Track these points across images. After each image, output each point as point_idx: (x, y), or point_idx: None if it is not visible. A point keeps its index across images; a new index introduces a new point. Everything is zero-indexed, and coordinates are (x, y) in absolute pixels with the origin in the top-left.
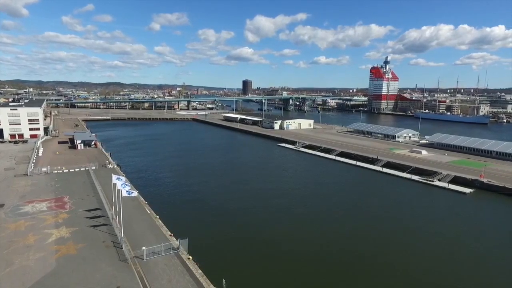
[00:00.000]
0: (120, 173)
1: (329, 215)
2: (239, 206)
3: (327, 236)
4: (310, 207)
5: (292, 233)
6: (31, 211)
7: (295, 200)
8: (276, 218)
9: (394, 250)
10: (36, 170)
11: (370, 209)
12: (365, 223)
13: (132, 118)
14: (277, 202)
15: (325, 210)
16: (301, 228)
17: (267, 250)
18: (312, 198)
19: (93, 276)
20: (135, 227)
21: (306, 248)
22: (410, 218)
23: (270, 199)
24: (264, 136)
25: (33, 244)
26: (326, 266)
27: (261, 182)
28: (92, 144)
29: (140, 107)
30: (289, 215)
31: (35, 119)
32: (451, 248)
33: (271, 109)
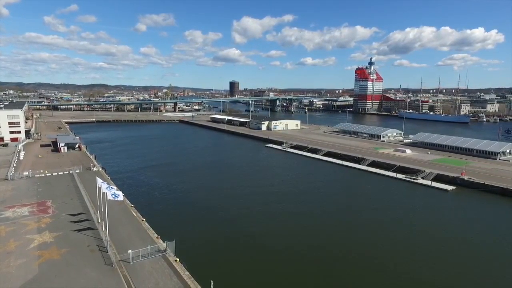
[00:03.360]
0: (105, 176)
1: (316, 213)
2: (226, 207)
3: (314, 235)
4: (298, 206)
5: (279, 232)
6: (11, 216)
7: (282, 200)
8: (263, 218)
9: (380, 246)
10: (17, 174)
11: (356, 207)
12: (351, 221)
13: (117, 120)
14: (264, 202)
15: (312, 209)
16: (289, 228)
17: (254, 250)
18: (299, 197)
19: (78, 281)
20: (121, 230)
21: (293, 248)
22: (395, 215)
23: (257, 199)
24: (252, 137)
25: (14, 250)
26: (313, 265)
27: (248, 183)
28: (76, 147)
29: (125, 109)
30: (276, 215)
31: (15, 122)
32: (435, 244)
33: (259, 110)
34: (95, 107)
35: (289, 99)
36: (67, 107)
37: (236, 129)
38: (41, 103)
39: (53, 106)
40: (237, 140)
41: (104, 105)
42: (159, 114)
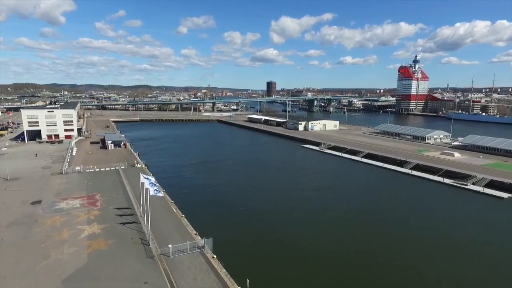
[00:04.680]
0: (148, 173)
1: (355, 217)
2: (263, 207)
3: (351, 239)
4: (336, 209)
5: (316, 235)
6: (65, 208)
7: (320, 202)
8: (301, 219)
9: (425, 256)
10: (70, 169)
11: (398, 212)
12: (393, 227)
13: (159, 120)
14: (301, 203)
15: (351, 212)
16: (326, 230)
17: (291, 251)
18: (337, 200)
19: (122, 271)
20: (162, 225)
21: (330, 250)
22: (441, 222)
23: (294, 200)
24: (288, 137)
25: (67, 239)
26: (350, 269)
27: (285, 183)
28: (121, 144)
29: (167, 109)
30: (314, 217)
31: (69, 120)
32: (486, 255)
33: (296, 110)
34: (139, 107)
35: (327, 99)
36: (114, 107)
37: (273, 129)
38: (92, 103)
39: (102, 106)
40: (273, 140)
41: (147, 105)
42: (198, 114)
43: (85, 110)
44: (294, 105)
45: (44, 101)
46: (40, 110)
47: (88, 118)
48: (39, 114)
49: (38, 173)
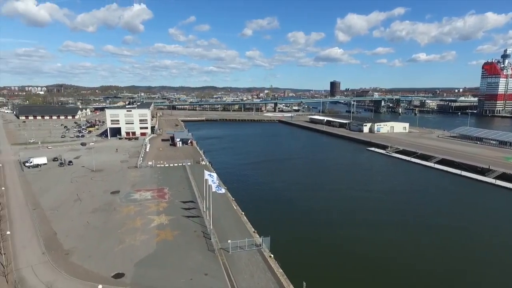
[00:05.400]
0: (211, 170)
1: (423, 226)
2: (322, 209)
3: (418, 249)
4: (402, 216)
5: (378, 240)
6: (139, 199)
7: (384, 207)
8: (363, 223)
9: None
10: (144, 163)
11: (477, 227)
12: (472, 247)
13: (223, 119)
14: (363, 208)
15: (419, 220)
16: (389, 237)
17: (350, 255)
18: (404, 206)
19: (185, 261)
20: (223, 221)
21: (391, 257)
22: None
23: (357, 202)
24: (352, 139)
25: (139, 227)
26: (412, 280)
27: (347, 185)
28: (188, 142)
29: (230, 109)
30: (377, 222)
31: (144, 119)
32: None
33: (361, 111)
34: (205, 107)
35: (396, 99)
36: (183, 107)
37: (335, 130)
38: (163, 104)
39: (172, 106)
40: (335, 141)
41: (213, 105)
42: (260, 114)
43: (158, 110)
44: (359, 106)
45: (124, 101)
46: (121, 110)
47: (160, 117)
48: (119, 114)
49: (118, 166)
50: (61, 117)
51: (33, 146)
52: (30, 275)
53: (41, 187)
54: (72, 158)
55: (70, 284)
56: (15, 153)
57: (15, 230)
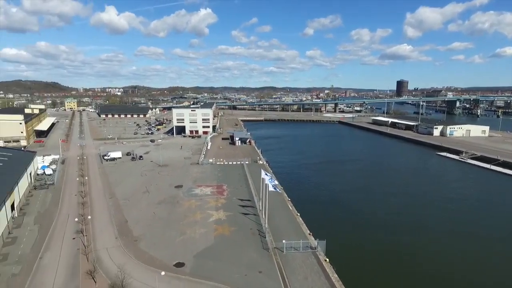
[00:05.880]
0: (268, 169)
1: (500, 243)
2: (383, 215)
3: (483, 267)
4: (474, 228)
5: (444, 252)
6: (199, 194)
7: (454, 217)
8: (426, 233)
9: None
10: (205, 160)
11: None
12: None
13: (281, 119)
14: (429, 216)
15: (495, 236)
16: (458, 249)
17: (408, 266)
18: (477, 218)
19: (241, 257)
20: (278, 220)
21: (457, 271)
22: None
23: (422, 211)
24: (420, 142)
25: (199, 220)
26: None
27: (411, 193)
28: (247, 141)
29: (289, 109)
30: (443, 233)
31: (207, 118)
32: None
33: (431, 113)
34: (264, 107)
35: (474, 99)
36: (243, 107)
37: (401, 132)
38: (225, 104)
39: (233, 106)
40: (400, 145)
41: (272, 106)
42: (319, 115)
43: (219, 110)
44: (429, 106)
45: (189, 101)
46: (185, 110)
47: (221, 117)
48: (184, 113)
49: (181, 162)
50: (134, 116)
51: (111, 141)
52: (105, 256)
53: (116, 179)
54: (143, 153)
55: (138, 268)
56: (96, 147)
57: (94, 215)
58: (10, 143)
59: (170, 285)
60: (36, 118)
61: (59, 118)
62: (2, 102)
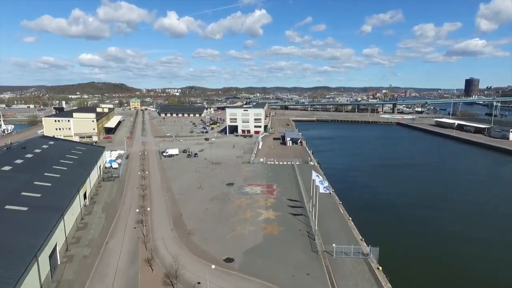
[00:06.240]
0: (319, 171)
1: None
2: (446, 224)
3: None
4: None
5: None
6: (250, 192)
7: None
8: (492, 248)
9: None
10: (256, 159)
11: None
12: None
13: (334, 120)
14: (496, 230)
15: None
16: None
17: (469, 282)
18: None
19: (288, 257)
20: (328, 223)
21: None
22: None
23: (489, 224)
24: (492, 148)
25: (249, 218)
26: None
27: (478, 202)
28: (298, 141)
29: (343, 110)
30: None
31: (259, 118)
32: None
33: (507, 114)
34: (317, 107)
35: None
36: (295, 107)
37: (469, 136)
38: (277, 104)
39: (285, 106)
40: (468, 149)
41: (324, 106)
42: (376, 116)
43: (271, 110)
44: (504, 107)
45: (242, 101)
46: (238, 109)
47: (273, 117)
48: (237, 113)
49: (233, 161)
50: (190, 115)
51: (169, 139)
52: (161, 246)
53: (172, 174)
54: (197, 151)
55: (190, 260)
56: (156, 144)
57: (153, 208)
58: (84, 138)
59: (219, 279)
60: (106, 117)
61: (124, 117)
62: (78, 102)
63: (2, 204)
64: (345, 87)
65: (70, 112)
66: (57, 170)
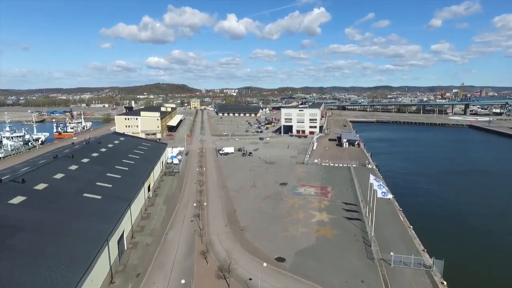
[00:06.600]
0: (378, 174)
1: None
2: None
3: None
4: None
5: None
6: (303, 193)
7: None
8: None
9: None
10: (310, 160)
11: None
12: None
13: (396, 121)
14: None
15: None
16: None
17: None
18: None
19: (342, 262)
20: (386, 230)
21: None
22: None
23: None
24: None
25: (301, 219)
26: None
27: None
28: (355, 143)
29: (406, 111)
30: None
31: (314, 118)
32: None
33: None
34: (377, 108)
35: None
36: (353, 108)
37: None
38: (333, 104)
39: (342, 106)
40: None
41: (385, 106)
42: (444, 117)
43: (328, 110)
44: None
45: (297, 101)
46: (293, 109)
47: (329, 117)
48: (292, 113)
49: (287, 161)
50: (246, 115)
51: (225, 137)
52: (216, 240)
53: (228, 172)
54: (252, 150)
55: (243, 256)
56: (213, 142)
57: (209, 203)
58: (149, 135)
59: (271, 277)
60: (169, 115)
61: (185, 116)
62: (145, 101)
63: (81, 192)
64: (409, 86)
65: (138, 111)
66: (125, 163)
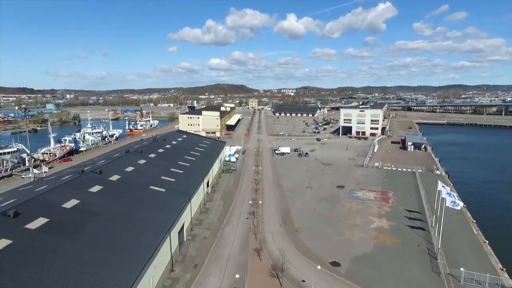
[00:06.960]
0: (447, 181)
1: None
2: None
3: None
4: None
5: None
6: (361, 197)
7: None
8: None
9: None
10: (370, 163)
11: None
12: None
13: (471, 124)
14: None
15: None
16: None
17: None
18: None
19: (403, 273)
20: (455, 243)
21: None
22: None
23: None
24: None
25: (358, 224)
26: None
27: None
28: (422, 147)
29: (484, 112)
30: None
31: (376, 120)
32: None
33: None
34: (448, 108)
35: None
36: (420, 108)
37: None
38: (398, 104)
39: (407, 107)
40: None
41: (459, 107)
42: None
43: (391, 111)
44: None
45: (358, 102)
46: (354, 110)
47: (392, 119)
48: (352, 113)
49: (345, 163)
50: (303, 115)
51: (282, 137)
52: (270, 239)
53: (283, 172)
54: (308, 150)
55: (296, 257)
56: (269, 142)
57: (264, 201)
58: (209, 133)
59: (324, 281)
60: (227, 115)
61: (243, 115)
62: (206, 101)
63: (148, 185)
64: (488, 84)
65: (200, 111)
66: (187, 159)
